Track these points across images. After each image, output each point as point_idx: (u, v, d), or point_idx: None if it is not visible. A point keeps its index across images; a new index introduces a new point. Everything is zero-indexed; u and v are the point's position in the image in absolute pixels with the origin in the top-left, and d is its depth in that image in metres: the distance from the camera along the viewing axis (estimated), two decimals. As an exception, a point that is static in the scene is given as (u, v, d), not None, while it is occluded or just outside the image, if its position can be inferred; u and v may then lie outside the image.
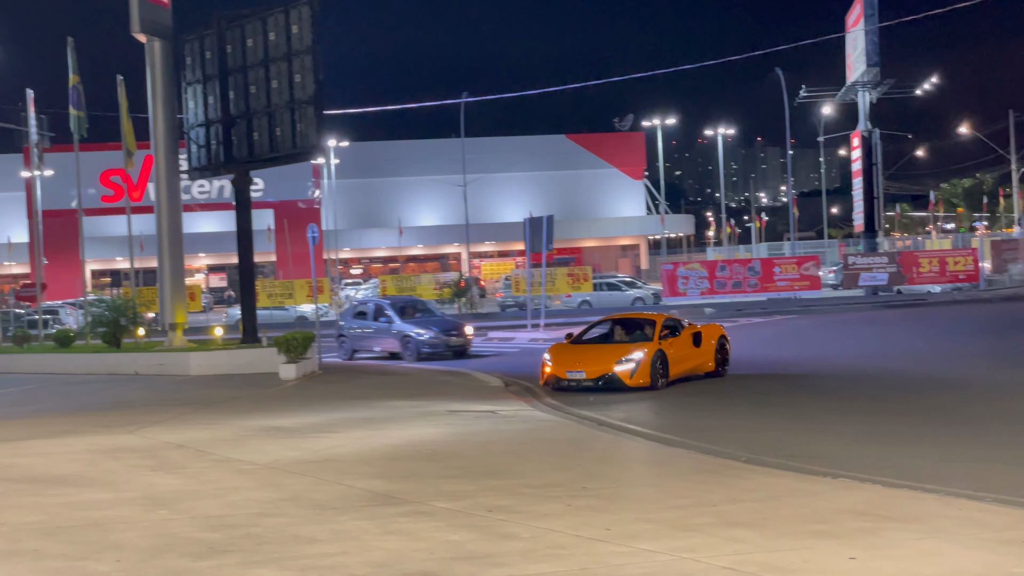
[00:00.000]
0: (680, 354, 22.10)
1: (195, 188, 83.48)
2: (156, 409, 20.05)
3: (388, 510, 10.24)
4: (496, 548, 8.68)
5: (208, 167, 31.43)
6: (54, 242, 69.96)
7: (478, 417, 17.69)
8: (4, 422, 18.97)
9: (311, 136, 28.38)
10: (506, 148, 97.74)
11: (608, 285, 58.55)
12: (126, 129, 34.57)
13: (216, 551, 8.70)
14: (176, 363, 28.46)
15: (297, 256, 74.33)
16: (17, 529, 9.77)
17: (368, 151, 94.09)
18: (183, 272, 32.06)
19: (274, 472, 12.62)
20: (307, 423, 17.38)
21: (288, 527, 9.58)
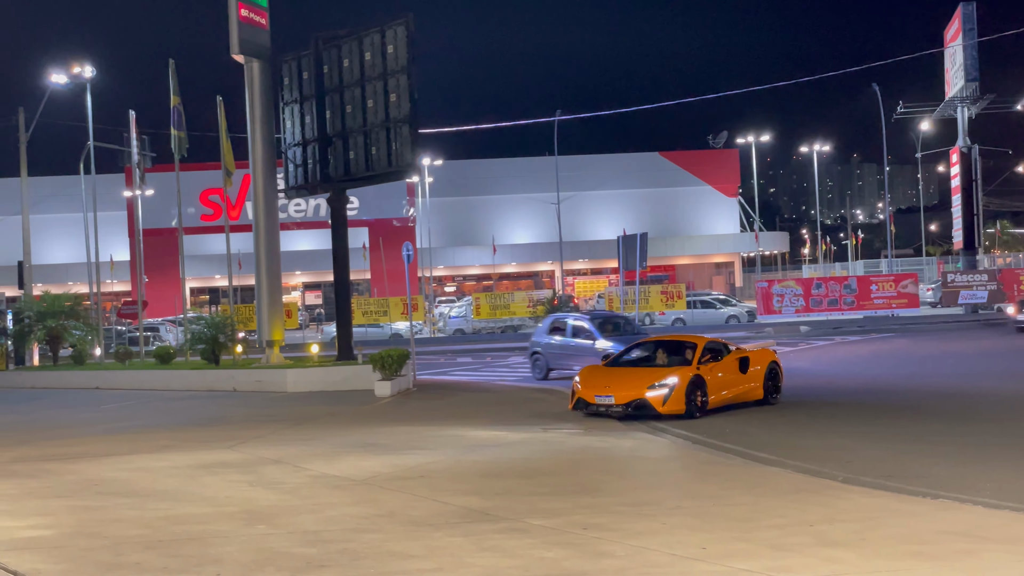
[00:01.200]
0: (723, 380, 20.91)
1: (292, 207, 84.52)
2: (254, 425, 20.30)
3: (483, 527, 10.27)
4: (591, 566, 8.66)
5: (305, 186, 31.82)
6: (155, 260, 71.34)
7: (571, 435, 17.66)
8: (107, 437, 19.34)
9: (406, 155, 28.63)
10: (600, 166, 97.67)
11: (702, 303, 58.19)
12: (225, 149, 35.13)
13: (313, 566, 8.79)
14: (273, 380, 28.81)
15: (392, 274, 74.91)
16: (120, 542, 9.94)
17: (462, 169, 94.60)
18: (280, 290, 32.49)
19: (370, 488, 12.71)
20: (402, 440, 17.48)
21: (384, 543, 9.64)
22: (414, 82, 28.31)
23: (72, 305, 40.04)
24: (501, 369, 35.79)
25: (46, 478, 14.16)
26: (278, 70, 31.91)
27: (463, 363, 39.84)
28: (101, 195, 55.44)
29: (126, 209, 76.94)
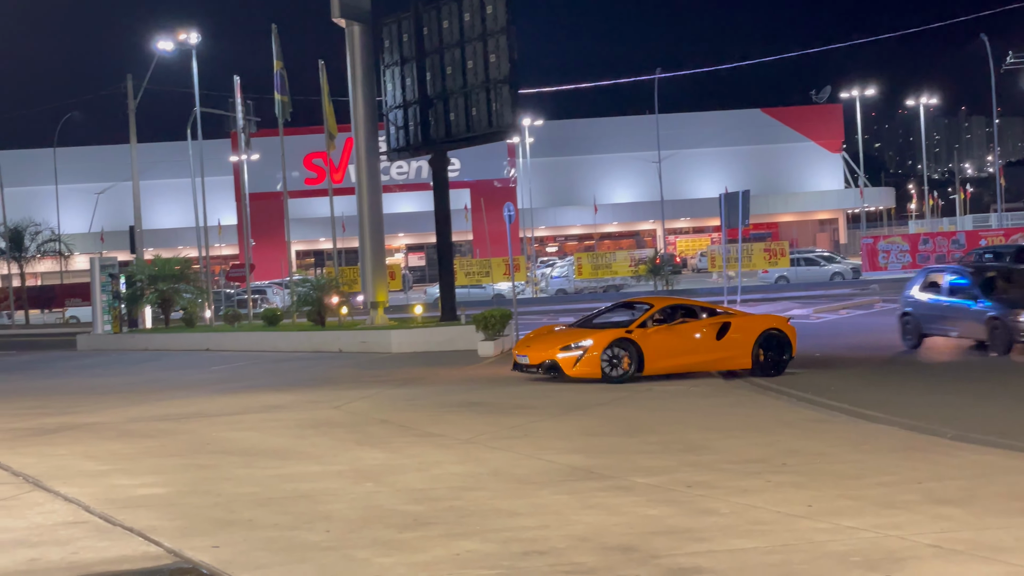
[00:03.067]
0: (675, 346, 19.91)
1: (394, 169, 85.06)
2: (360, 385, 20.57)
3: (587, 484, 10.32)
4: (696, 523, 8.67)
5: (406, 148, 32.00)
6: (261, 224, 72.32)
7: (675, 393, 17.64)
8: (218, 397, 19.74)
9: (506, 115, 28.63)
10: (701, 123, 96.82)
11: (806, 260, 57.53)
12: (327, 112, 35.42)
13: (420, 523, 8.91)
14: (378, 341, 29.11)
15: (494, 234, 75.08)
16: (233, 499, 10.17)
17: (563, 129, 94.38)
18: (384, 252, 32.77)
19: (475, 446, 12.84)
20: (505, 399, 17.59)
21: (489, 500, 9.74)
22: (513, 42, 28.26)
23: (182, 269, 40.76)
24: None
25: (161, 438, 14.52)
26: (378, 33, 32.07)
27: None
28: (208, 160, 56.32)
29: (232, 174, 78.06)
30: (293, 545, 8.30)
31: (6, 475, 11.90)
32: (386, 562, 7.70)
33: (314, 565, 7.69)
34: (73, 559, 8.08)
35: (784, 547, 7.92)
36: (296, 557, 7.93)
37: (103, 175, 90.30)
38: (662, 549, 7.90)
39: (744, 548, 7.92)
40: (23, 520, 9.52)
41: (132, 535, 8.78)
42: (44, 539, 8.75)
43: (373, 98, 32.36)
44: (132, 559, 8.07)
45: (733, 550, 7.87)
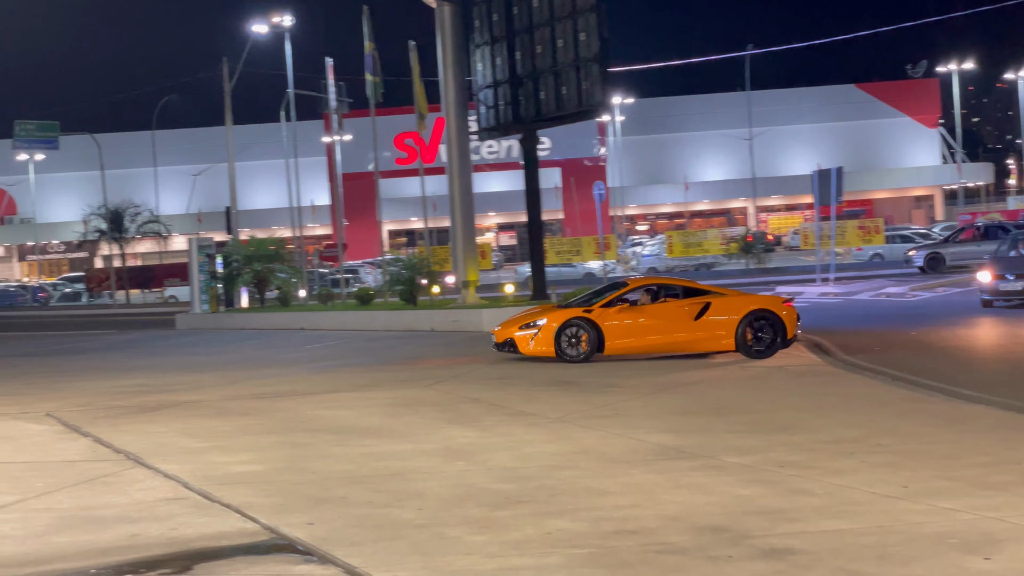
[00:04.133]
0: (642, 325, 19.97)
1: (484, 148, 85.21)
2: (451, 364, 20.70)
3: (678, 464, 10.31)
4: (788, 503, 8.62)
5: (496, 127, 32.07)
6: (353, 204, 72.90)
7: (766, 372, 17.52)
8: (312, 376, 19.99)
9: (596, 94, 28.54)
10: (793, 99, 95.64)
11: (901, 237, 56.68)
12: (418, 93, 35.58)
13: (512, 501, 8.97)
14: (469, 320, 29.23)
15: (584, 213, 74.95)
16: (326, 477, 10.31)
17: (653, 107, 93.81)
18: (474, 231, 32.91)
19: (565, 425, 12.87)
20: (596, 378, 17.60)
21: (580, 479, 9.77)
22: (603, 20, 28.15)
23: (277, 249, 41.29)
24: (695, 307, 35.61)
25: (256, 416, 14.75)
26: (468, 13, 32.13)
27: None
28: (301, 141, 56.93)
29: (325, 154, 78.82)
30: (386, 523, 8.40)
31: (108, 452, 12.19)
32: (478, 540, 7.77)
33: (407, 542, 7.78)
34: (173, 535, 8.26)
35: (879, 528, 7.85)
36: (389, 534, 8.02)
37: (200, 157, 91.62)
38: (754, 529, 7.87)
39: (838, 529, 7.86)
40: (124, 496, 9.75)
41: (230, 511, 8.95)
42: (144, 515, 8.94)
43: (463, 78, 32.46)
44: (230, 535, 8.23)
45: (827, 531, 7.82)
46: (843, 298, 34.28)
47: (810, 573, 6.86)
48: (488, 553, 7.42)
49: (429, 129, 63.02)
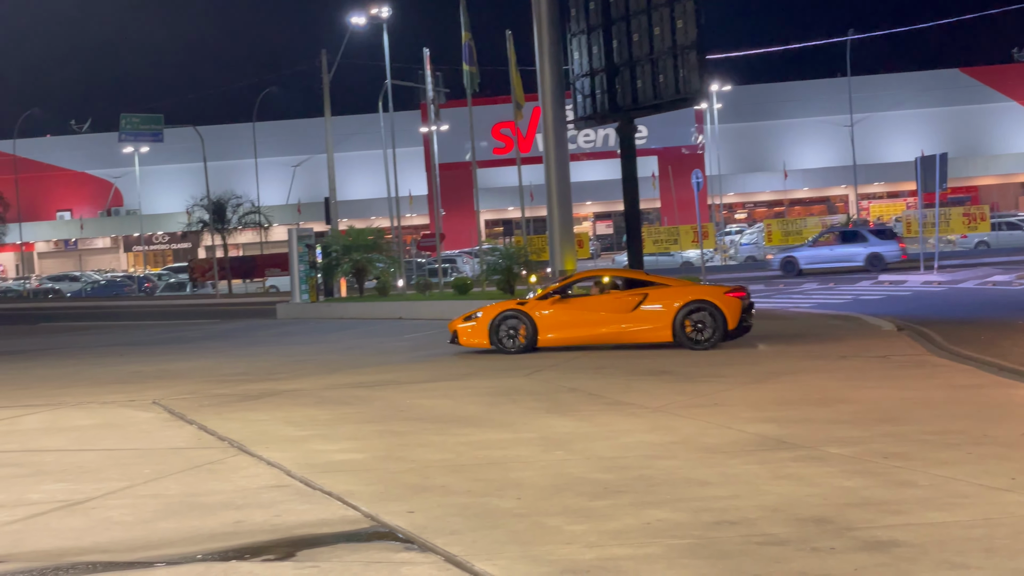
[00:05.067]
0: (576, 317, 20.44)
1: (581, 137, 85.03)
2: (550, 353, 20.69)
3: (779, 455, 10.21)
4: (893, 495, 8.50)
5: (593, 116, 31.97)
6: (450, 194, 73.29)
7: (869, 362, 17.28)
8: (410, 365, 20.14)
9: (693, 81, 28.33)
10: (895, 85, 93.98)
11: (1008, 224, 55.58)
12: (515, 82, 35.65)
13: (610, 491, 8.95)
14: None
15: (681, 202, 74.53)
16: (426, 466, 10.38)
17: (751, 94, 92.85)
18: (571, 220, 32.85)
19: (664, 415, 12.82)
20: (694, 367, 17.50)
21: (679, 470, 9.72)
22: (700, 7, 27.89)
23: (375, 239, 41.61)
24: (795, 296, 35.30)
25: (356, 404, 14.90)
26: (565, 1, 32.05)
27: (756, 290, 39.26)
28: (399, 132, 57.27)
29: (422, 144, 79.22)
30: (485, 511, 8.43)
31: (212, 440, 12.40)
32: (577, 530, 7.77)
33: (506, 532, 7.80)
34: (276, 521, 8.38)
35: (986, 521, 7.70)
36: (488, 523, 8.05)
37: (299, 148, 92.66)
38: (857, 521, 7.77)
39: (944, 521, 7.73)
40: (229, 483, 9.91)
41: (331, 499, 9.05)
42: (248, 502, 9.09)
43: (560, 67, 32.40)
44: (331, 522, 8.32)
45: (932, 523, 7.69)
46: (948, 287, 33.71)
47: (915, 566, 6.76)
48: (587, 543, 7.42)
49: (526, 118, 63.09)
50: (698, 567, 6.76)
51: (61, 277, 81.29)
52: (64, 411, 15.58)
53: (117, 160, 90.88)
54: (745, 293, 20.71)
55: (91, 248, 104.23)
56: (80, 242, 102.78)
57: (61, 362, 24.59)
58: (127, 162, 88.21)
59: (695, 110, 79.90)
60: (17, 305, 62.48)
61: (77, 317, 46.69)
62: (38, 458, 11.71)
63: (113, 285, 73.77)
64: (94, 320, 44.25)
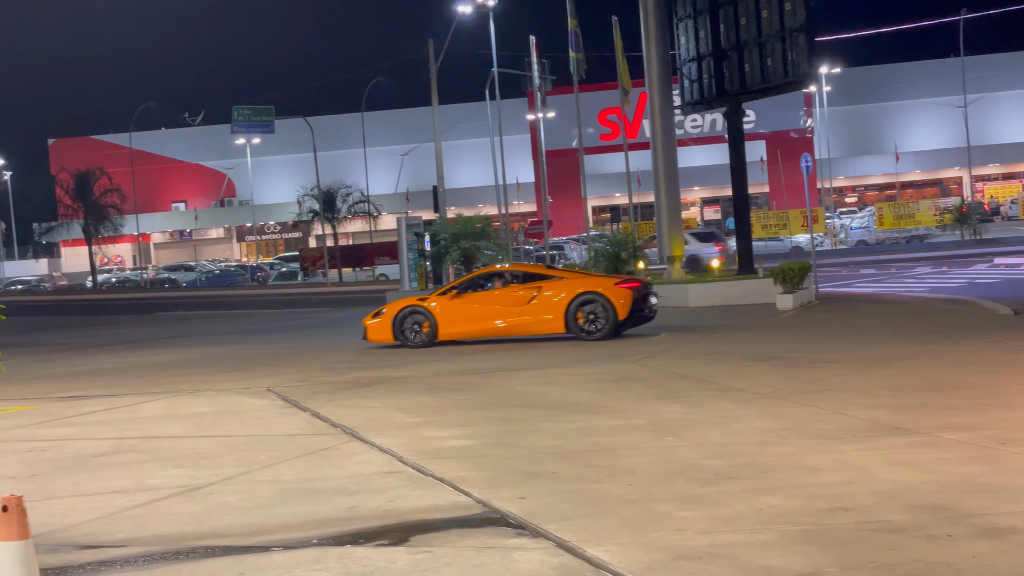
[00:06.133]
0: (474, 312, 21.24)
1: (688, 122, 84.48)
2: (659, 340, 20.65)
3: (893, 441, 10.07)
4: (1012, 481, 8.33)
5: (700, 101, 31.77)
6: (557, 181, 73.31)
7: (985, 347, 16.94)
8: (518, 352, 20.21)
9: (802, 64, 28.00)
10: (1011, 64, 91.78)
11: None
12: (621, 68, 35.55)
13: (722, 477, 8.91)
14: (675, 295, 29.09)
15: (790, 186, 73.68)
16: (536, 452, 10.43)
17: (860, 76, 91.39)
18: (679, 206, 32.71)
19: (775, 401, 12.71)
20: (804, 353, 17.32)
21: (791, 456, 9.64)
22: (809, -12, 27.57)
23: (483, 226, 41.76)
24: (907, 280, 34.72)
25: (466, 391, 15.01)
26: (671, -14, 31.88)
27: (866, 275, 38.89)
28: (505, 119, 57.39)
29: (529, 132, 79.31)
30: (596, 498, 8.45)
31: (326, 426, 12.59)
32: (689, 516, 7.75)
33: (618, 518, 7.81)
34: (389, 507, 8.48)
35: (1108, 509, 7.52)
36: (600, 509, 8.07)
37: (407, 137, 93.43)
38: (974, 508, 7.63)
39: (1064, 509, 7.56)
40: (343, 469, 10.06)
41: (443, 485, 9.14)
42: (362, 487, 9.21)
43: (666, 52, 32.24)
44: (443, 508, 8.41)
45: (1052, 511, 7.53)
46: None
47: (1035, 554, 6.63)
48: (699, 529, 7.40)
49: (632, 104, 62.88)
50: (812, 554, 6.71)
51: (176, 267, 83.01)
52: (181, 398, 15.94)
53: (229, 151, 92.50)
54: (639, 284, 21.37)
55: (205, 238, 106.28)
56: (194, 232, 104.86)
57: (178, 350, 25.13)
58: (239, 153, 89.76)
59: (804, 93, 78.95)
60: (135, 295, 63.92)
61: (192, 306, 47.64)
62: (157, 444, 12.00)
63: (226, 275, 75.12)
64: (209, 309, 45.13)
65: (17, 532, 5.36)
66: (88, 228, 72.38)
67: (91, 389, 17.98)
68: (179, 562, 7.21)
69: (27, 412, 15.36)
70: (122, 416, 14.47)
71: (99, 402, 16.04)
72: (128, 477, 10.22)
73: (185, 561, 7.23)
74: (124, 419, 14.18)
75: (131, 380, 18.97)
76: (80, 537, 8.01)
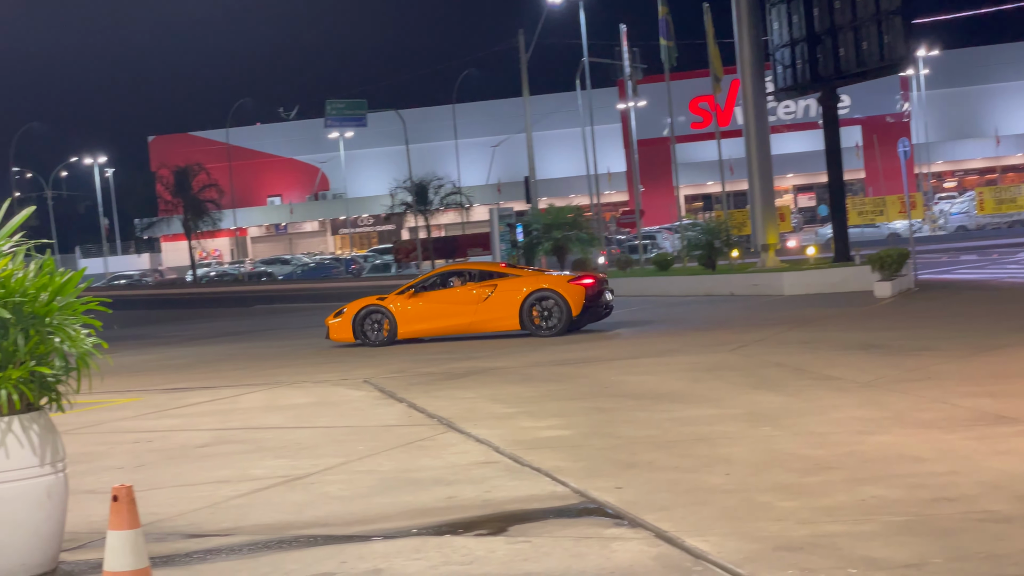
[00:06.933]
0: (432, 310, 21.75)
1: (780, 109, 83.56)
2: (752, 328, 20.50)
3: (998, 430, 9.88)
4: (1121, 472, 8.15)
5: (794, 87, 31.45)
6: (649, 170, 72.94)
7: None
8: (611, 342, 20.18)
9: (898, 48, 27.60)
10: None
11: None
12: (713, 55, 35.29)
13: (821, 467, 8.81)
14: (769, 283, 28.86)
15: (887, 171, 72.58)
16: (632, 442, 10.40)
17: (958, 58, 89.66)
18: (772, 193, 32.41)
19: (874, 390, 12.54)
20: (904, 341, 17.07)
21: (892, 445, 9.50)
22: (906, -30, 27.14)
23: (575, 216, 41.79)
24: (1010, 266, 34.04)
25: (561, 381, 15.02)
26: (763, -29, 31.57)
27: (967, 261, 38.21)
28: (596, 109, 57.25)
29: (620, 121, 79.03)
30: (694, 487, 8.41)
31: (422, 417, 12.68)
32: (788, 506, 7.68)
33: (716, 508, 7.77)
34: (487, 497, 8.52)
35: None
36: (697, 499, 8.03)
37: (498, 128, 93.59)
38: (1083, 499, 7.48)
39: None
40: (440, 460, 10.12)
41: (540, 475, 9.16)
42: (459, 478, 9.26)
43: (759, 38, 31.94)
44: (540, 498, 8.42)
45: None
46: None
47: None
48: (800, 519, 7.33)
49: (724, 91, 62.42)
50: (916, 544, 6.61)
51: (273, 260, 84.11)
52: (281, 390, 16.17)
53: (323, 145, 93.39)
54: (594, 281, 21.68)
55: (300, 232, 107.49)
56: (290, 226, 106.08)
57: (275, 342, 25.48)
58: (333, 147, 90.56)
59: (900, 77, 77.65)
60: (233, 288, 64.85)
61: (289, 299, 48.26)
62: (259, 435, 12.18)
63: (321, 267, 75.95)
64: (304, 302, 45.68)
65: (127, 521, 5.48)
66: (187, 223, 73.57)
67: (193, 381, 18.32)
68: (282, 551, 7.31)
69: (132, 404, 15.68)
70: (224, 407, 14.72)
71: (201, 394, 16.33)
72: (231, 467, 10.39)
73: (288, 550, 7.33)
74: (226, 410, 14.42)
75: (231, 372, 19.28)
76: (186, 526, 8.16)
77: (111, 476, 10.06)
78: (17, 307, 6.82)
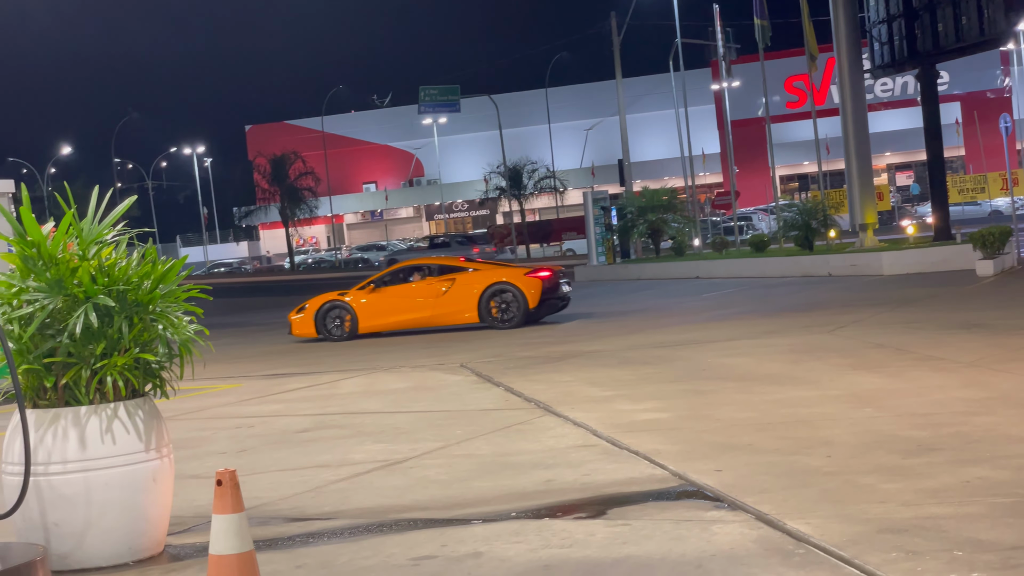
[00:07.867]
0: (393, 305, 21.96)
1: (877, 86, 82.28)
2: (851, 309, 20.25)
3: (1107, 411, 9.67)
4: None
5: (891, 64, 30.99)
6: (743, 150, 72.28)
7: None
8: (709, 324, 20.07)
9: (999, 21, 27.04)
10: None
11: None
12: (808, 33, 34.84)
13: (924, 449, 8.69)
14: (868, 263, 28.47)
15: (988, 148, 71.15)
16: (730, 424, 10.34)
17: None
18: (871, 172, 31.96)
19: (978, 370, 12.32)
20: (1008, 320, 16.74)
21: (998, 426, 9.34)
22: (1007, -59, 26.56)
23: (669, 199, 41.56)
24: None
25: (657, 364, 14.97)
26: (859, -54, 31.10)
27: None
28: (690, 90, 56.81)
29: (714, 102, 78.38)
30: (794, 470, 8.33)
31: (519, 401, 12.72)
32: (891, 488, 7.58)
33: (817, 490, 7.70)
34: (585, 480, 8.53)
35: None
36: (798, 482, 7.96)
37: (591, 111, 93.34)
38: None
39: None
40: (537, 443, 10.15)
41: (638, 458, 9.14)
42: (557, 461, 9.28)
43: (855, 15, 31.48)
44: (639, 481, 8.41)
45: None
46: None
47: None
48: (903, 501, 7.23)
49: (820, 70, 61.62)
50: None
51: (369, 247, 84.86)
52: (378, 375, 16.32)
53: (417, 131, 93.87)
54: (550, 274, 21.91)
55: (395, 218, 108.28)
56: (385, 212, 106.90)
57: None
58: (426, 133, 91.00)
59: (1000, 51, 75.96)
60: (330, 275, 65.58)
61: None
62: (358, 420, 12.30)
63: (417, 252, 76.46)
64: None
65: (232, 505, 5.57)
66: (284, 211, 74.48)
67: (292, 367, 18.57)
68: (383, 534, 7.39)
69: (234, 390, 15.94)
70: (323, 392, 14.90)
71: (300, 379, 16.55)
72: (331, 452, 10.51)
73: (389, 533, 7.40)
74: (325, 395, 14.59)
75: (329, 358, 19.50)
76: (289, 510, 8.28)
77: (214, 461, 10.24)
78: (121, 295, 6.97)
